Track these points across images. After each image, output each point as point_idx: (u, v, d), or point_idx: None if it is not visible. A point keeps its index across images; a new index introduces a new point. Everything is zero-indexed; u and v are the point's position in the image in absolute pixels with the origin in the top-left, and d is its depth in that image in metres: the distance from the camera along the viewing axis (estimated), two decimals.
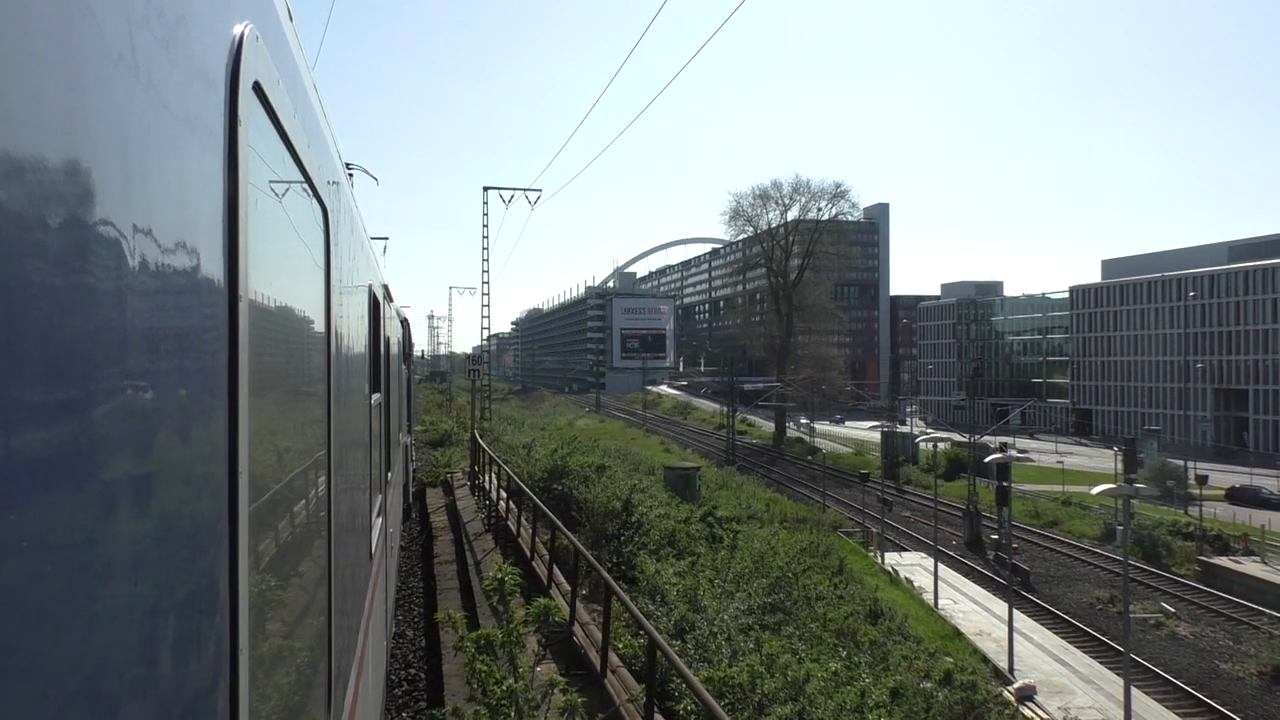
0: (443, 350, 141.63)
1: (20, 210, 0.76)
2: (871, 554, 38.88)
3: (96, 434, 0.94)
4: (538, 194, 40.78)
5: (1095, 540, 46.98)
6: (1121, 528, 25.88)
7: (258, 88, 1.72)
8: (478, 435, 20.12)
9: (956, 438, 60.09)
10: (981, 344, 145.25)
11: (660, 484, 34.55)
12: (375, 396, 6.12)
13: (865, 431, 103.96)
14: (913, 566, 38.52)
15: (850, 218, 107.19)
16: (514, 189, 40.89)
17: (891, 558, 39.52)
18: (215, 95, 1.45)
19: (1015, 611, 34.47)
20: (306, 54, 2.78)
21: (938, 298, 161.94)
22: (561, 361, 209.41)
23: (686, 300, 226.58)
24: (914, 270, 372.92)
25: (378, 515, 6.21)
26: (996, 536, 44.87)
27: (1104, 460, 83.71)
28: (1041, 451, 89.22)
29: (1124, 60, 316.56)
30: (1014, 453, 60.46)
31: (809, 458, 79.85)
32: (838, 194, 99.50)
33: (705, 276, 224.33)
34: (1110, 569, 41.78)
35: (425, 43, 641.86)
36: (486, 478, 19.52)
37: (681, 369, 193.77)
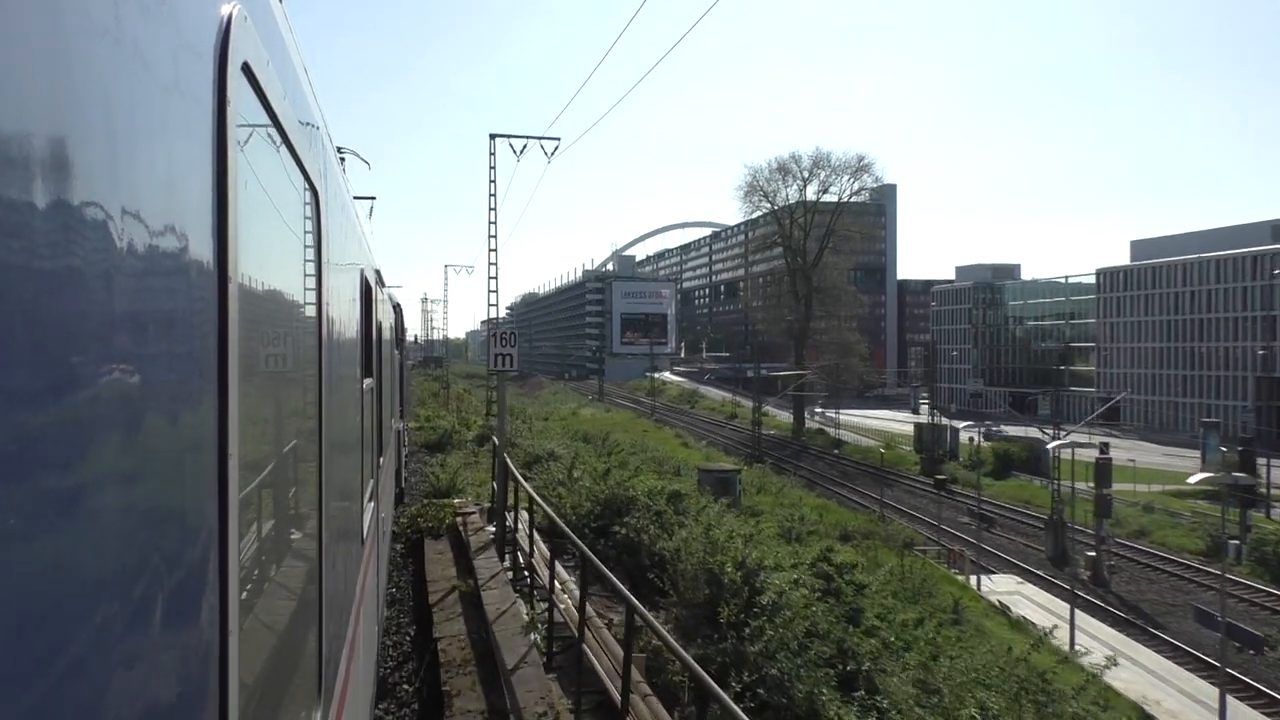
0: (437, 335, 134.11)
1: (4, 192, 0.75)
2: (961, 578, 32.19)
3: (84, 418, 0.94)
4: (555, 143, 33.73)
5: (1199, 556, 40.29)
6: None
7: (247, 69, 1.68)
8: (509, 462, 13.15)
9: (1032, 432, 53.32)
10: (997, 329, 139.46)
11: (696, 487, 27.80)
12: (367, 381, 5.92)
13: (882, 421, 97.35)
14: (1011, 595, 31.87)
15: (864, 199, 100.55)
16: (527, 137, 33.83)
17: (983, 583, 32.84)
18: (203, 76, 1.42)
19: (1150, 652, 27.99)
20: (296, 35, 2.66)
21: (950, 281, 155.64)
22: (559, 347, 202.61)
23: (686, 285, 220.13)
24: (920, 255, 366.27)
25: (369, 499, 6.06)
26: (1094, 554, 38.32)
27: (1144, 453, 77.48)
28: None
29: (1156, 31, 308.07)
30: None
31: (835, 451, 73.31)
32: (860, 168, 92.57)
33: (705, 260, 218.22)
34: (1235, 594, 35.24)
35: (418, 17, 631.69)
36: (519, 521, 12.65)
37: (683, 354, 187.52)
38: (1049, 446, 34.14)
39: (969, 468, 65.81)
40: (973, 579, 32.42)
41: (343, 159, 8.30)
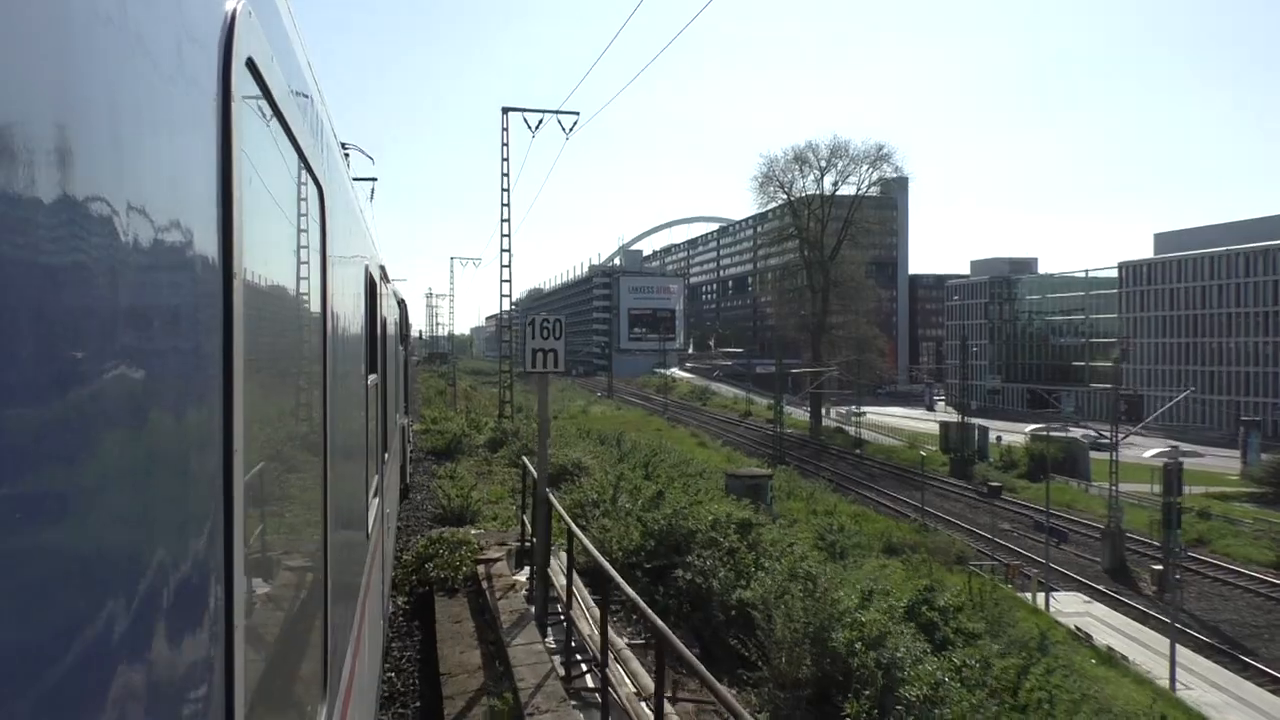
0: (443, 331, 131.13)
1: (8, 187, 0.75)
2: (1026, 597, 29.11)
3: (89, 414, 0.94)
4: (574, 117, 30.77)
5: (1270, 568, 37.06)
6: None
7: (251, 64, 1.68)
8: (559, 508, 9.68)
9: (1087, 434, 50.06)
10: (1014, 324, 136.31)
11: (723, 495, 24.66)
12: (372, 377, 5.85)
13: (900, 419, 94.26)
14: (1080, 616, 28.81)
15: (877, 191, 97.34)
16: (543, 111, 30.87)
17: (1050, 603, 29.73)
18: (208, 71, 1.42)
19: (1256, 689, 24.94)
20: (301, 30, 2.60)
21: (964, 276, 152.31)
22: (566, 343, 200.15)
23: (693, 280, 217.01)
24: (932, 249, 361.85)
25: (374, 495, 5.98)
26: (1160, 567, 35.20)
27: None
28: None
29: (1176, 22, 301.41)
30: None
31: (856, 451, 70.12)
32: (880, 157, 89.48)
33: (713, 255, 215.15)
34: None
35: (421, 9, 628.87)
36: (561, 567, 9.52)
37: (690, 350, 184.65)
38: (1147, 455, 31.00)
39: (1000, 468, 62.60)
40: (1039, 597, 29.34)
41: (346, 154, 7.95)
